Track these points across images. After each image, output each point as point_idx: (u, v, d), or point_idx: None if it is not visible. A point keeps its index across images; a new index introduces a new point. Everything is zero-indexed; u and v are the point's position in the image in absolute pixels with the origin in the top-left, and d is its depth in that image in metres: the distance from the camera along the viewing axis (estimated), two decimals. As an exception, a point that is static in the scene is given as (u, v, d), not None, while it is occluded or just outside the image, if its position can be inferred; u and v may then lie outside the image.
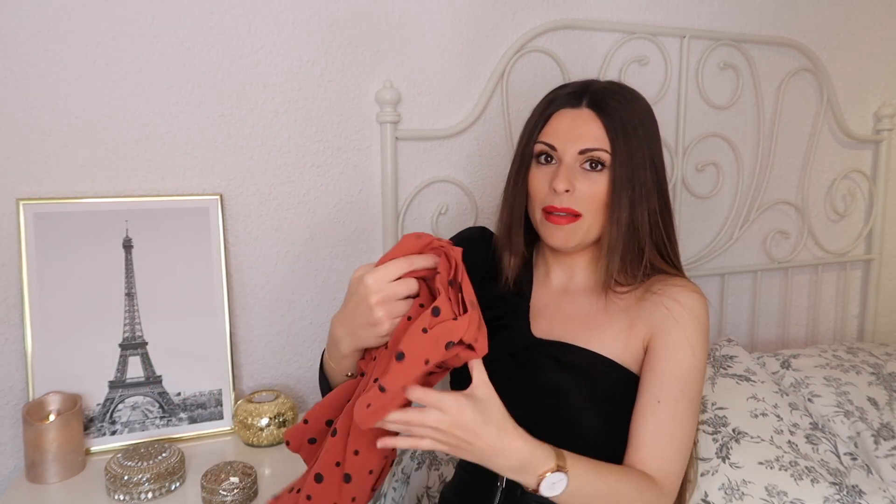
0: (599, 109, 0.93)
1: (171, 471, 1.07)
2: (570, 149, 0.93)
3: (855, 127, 1.87)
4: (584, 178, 0.93)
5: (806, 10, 1.76)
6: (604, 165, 0.93)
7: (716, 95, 1.68)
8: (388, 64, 1.39)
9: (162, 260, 1.24)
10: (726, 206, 1.76)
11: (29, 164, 1.19)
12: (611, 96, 0.95)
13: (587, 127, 0.93)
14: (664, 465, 0.88)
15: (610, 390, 0.93)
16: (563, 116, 0.95)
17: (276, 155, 1.34)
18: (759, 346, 1.84)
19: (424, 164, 1.44)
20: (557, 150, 0.94)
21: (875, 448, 1.32)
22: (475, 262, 1.06)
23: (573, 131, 0.93)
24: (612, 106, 0.93)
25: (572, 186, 0.92)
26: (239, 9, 1.27)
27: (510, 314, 1.00)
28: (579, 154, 0.93)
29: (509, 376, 0.95)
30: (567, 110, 0.95)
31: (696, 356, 0.92)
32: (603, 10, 1.55)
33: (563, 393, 0.93)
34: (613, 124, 0.92)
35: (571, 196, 0.93)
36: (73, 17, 1.18)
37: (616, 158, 0.92)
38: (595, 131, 0.92)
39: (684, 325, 0.92)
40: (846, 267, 1.93)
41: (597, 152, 0.92)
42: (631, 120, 0.93)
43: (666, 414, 0.89)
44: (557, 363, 0.94)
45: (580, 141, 0.92)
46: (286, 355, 1.40)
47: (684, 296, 0.94)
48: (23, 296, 1.16)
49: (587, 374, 0.93)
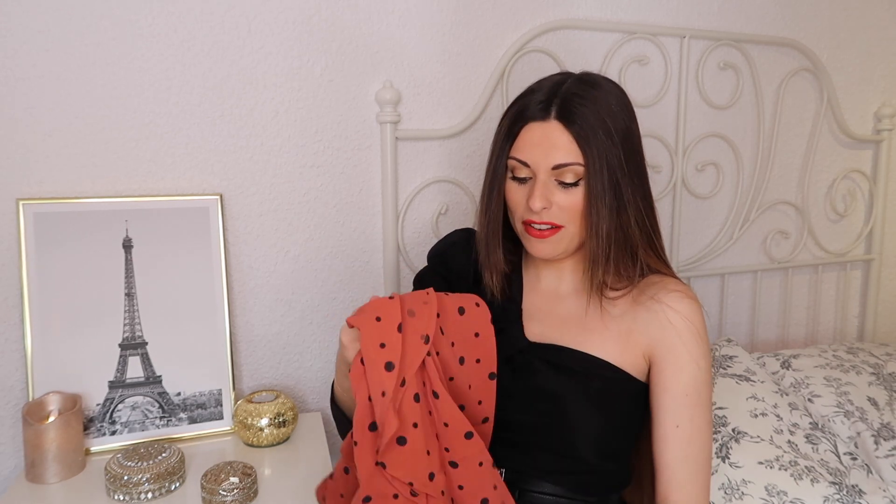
0: (568, 121, 0.90)
1: (171, 471, 1.07)
2: (542, 164, 0.91)
3: (855, 127, 1.87)
4: (561, 192, 0.91)
5: (806, 10, 1.76)
6: (578, 178, 0.91)
7: (716, 95, 1.68)
8: (388, 64, 1.39)
9: (162, 260, 1.24)
10: (726, 206, 1.76)
11: (29, 164, 1.19)
12: (579, 101, 0.91)
13: (558, 140, 0.90)
14: (693, 491, 0.91)
15: (606, 392, 0.93)
16: (533, 131, 0.92)
17: (276, 155, 1.34)
18: (759, 346, 1.84)
19: (424, 164, 1.44)
20: (530, 166, 0.92)
21: (875, 448, 1.32)
22: (463, 266, 1.06)
23: (543, 146, 0.91)
24: (580, 113, 0.90)
25: (549, 203, 0.91)
26: (239, 9, 1.27)
27: (502, 318, 0.99)
28: (553, 170, 0.91)
29: (504, 381, 0.94)
30: (536, 124, 0.92)
31: (702, 367, 0.93)
32: (603, 10, 1.55)
33: (560, 397, 0.92)
34: (584, 134, 0.89)
35: (549, 211, 0.92)
36: (73, 17, 1.18)
37: (590, 169, 0.89)
38: (566, 145, 0.90)
39: (686, 341, 0.92)
40: (846, 267, 1.92)
41: (570, 167, 0.90)
42: (602, 122, 0.90)
43: (685, 436, 0.91)
44: (552, 367, 0.94)
45: (551, 156, 0.90)
46: (286, 355, 1.40)
47: (680, 304, 0.94)
48: (23, 296, 1.16)
49: (583, 377, 0.93)
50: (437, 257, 1.12)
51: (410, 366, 0.83)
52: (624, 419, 0.95)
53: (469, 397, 0.90)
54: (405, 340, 0.84)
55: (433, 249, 1.13)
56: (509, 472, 0.94)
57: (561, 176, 0.91)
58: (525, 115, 0.93)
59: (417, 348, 0.84)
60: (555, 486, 0.93)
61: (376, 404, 0.81)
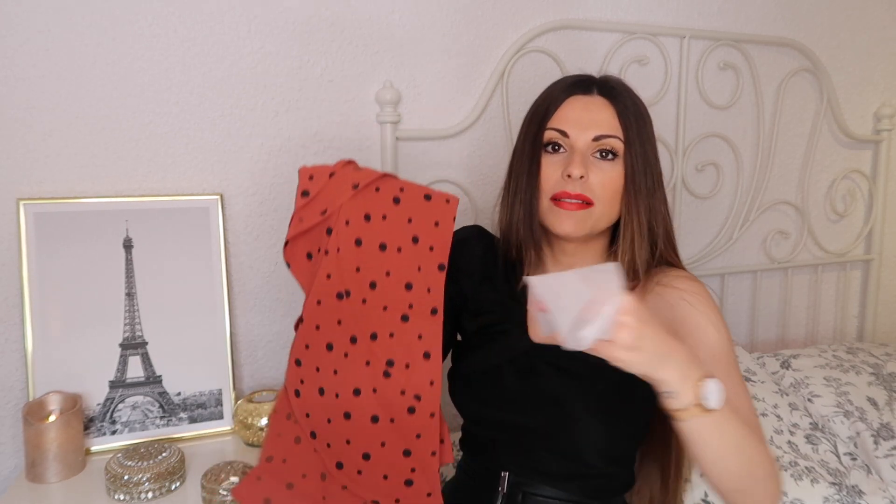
0: (612, 97, 0.92)
1: (171, 471, 1.08)
2: (583, 135, 0.91)
3: (855, 127, 1.87)
4: (597, 166, 0.91)
5: (806, 10, 1.76)
6: (615, 155, 0.91)
7: (716, 95, 1.68)
8: (388, 64, 1.39)
9: (162, 260, 1.24)
10: (726, 206, 1.76)
11: (29, 164, 1.19)
12: (619, 84, 0.94)
13: (601, 114, 0.91)
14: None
15: (611, 395, 0.91)
16: (575, 103, 0.93)
17: (276, 155, 1.34)
18: (759, 346, 1.84)
19: (424, 164, 1.44)
20: (570, 137, 0.91)
21: (875, 448, 1.32)
22: (469, 263, 1.04)
23: (586, 118, 0.91)
24: (623, 95, 0.92)
25: (586, 173, 0.90)
26: (239, 9, 1.27)
27: (508, 319, 0.98)
28: (593, 141, 0.90)
29: (509, 384, 0.94)
30: (578, 97, 0.93)
31: (721, 331, 0.91)
32: (603, 10, 1.55)
33: (563, 401, 0.91)
34: (626, 113, 0.91)
35: (585, 183, 0.90)
36: (73, 17, 1.18)
37: (630, 147, 0.90)
38: (609, 119, 0.91)
39: (700, 309, 0.91)
40: (846, 267, 1.93)
41: (611, 139, 0.90)
42: (637, 109, 0.93)
43: (730, 397, 0.89)
44: (557, 370, 0.93)
45: (594, 128, 0.90)
46: (286, 355, 1.39)
47: (685, 283, 0.94)
48: (23, 296, 1.16)
49: (588, 380, 0.91)
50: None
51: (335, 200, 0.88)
52: (629, 423, 0.94)
53: (418, 279, 0.90)
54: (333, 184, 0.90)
55: None
56: (512, 474, 0.94)
57: (601, 148, 0.91)
58: (567, 90, 0.94)
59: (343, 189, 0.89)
60: (558, 490, 0.93)
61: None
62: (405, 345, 0.89)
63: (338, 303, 0.89)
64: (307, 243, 0.91)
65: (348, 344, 0.89)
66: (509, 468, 0.94)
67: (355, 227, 0.89)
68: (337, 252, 0.88)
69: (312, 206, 0.89)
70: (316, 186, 0.89)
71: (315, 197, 0.89)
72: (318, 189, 0.89)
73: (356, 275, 0.89)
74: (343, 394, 0.89)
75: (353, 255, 0.89)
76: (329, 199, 0.89)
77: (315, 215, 0.89)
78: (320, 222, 0.88)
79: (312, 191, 0.89)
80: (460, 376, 1.00)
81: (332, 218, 0.88)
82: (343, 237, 0.88)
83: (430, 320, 0.90)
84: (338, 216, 0.88)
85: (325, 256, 0.88)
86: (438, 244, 0.91)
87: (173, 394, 1.25)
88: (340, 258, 0.88)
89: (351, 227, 0.89)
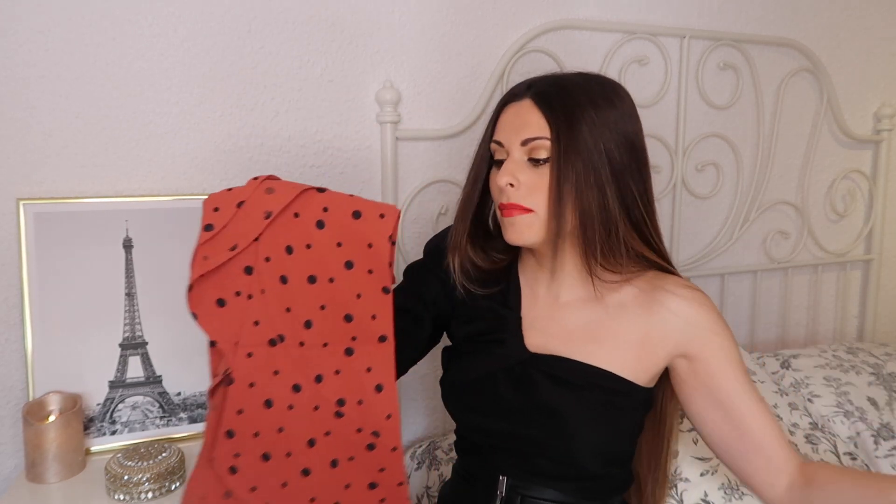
0: (540, 98, 0.89)
1: (172, 470, 1.08)
2: (513, 141, 0.89)
3: (855, 127, 1.87)
4: (530, 171, 0.89)
5: (806, 10, 1.76)
6: (548, 156, 0.88)
7: (716, 95, 1.68)
8: (388, 64, 1.39)
9: (162, 260, 1.24)
10: (726, 206, 1.76)
11: (29, 164, 1.19)
12: (559, 85, 0.90)
13: (528, 117, 0.89)
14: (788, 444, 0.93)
15: (609, 404, 0.90)
16: (508, 111, 0.92)
17: (276, 155, 1.34)
18: (759, 346, 1.84)
19: (424, 165, 1.44)
20: (504, 146, 0.91)
21: (875, 448, 1.32)
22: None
23: (516, 123, 0.90)
24: (554, 94, 0.88)
25: (516, 180, 0.88)
26: (239, 9, 1.27)
27: (502, 328, 0.96)
28: (522, 145, 0.89)
29: (505, 394, 0.92)
30: (511, 104, 0.92)
31: (733, 343, 0.94)
32: (603, 10, 1.55)
33: (561, 413, 0.90)
34: (555, 111, 0.87)
35: (517, 191, 0.89)
36: (73, 17, 1.18)
37: (559, 146, 0.86)
38: (537, 121, 0.88)
39: (716, 331, 0.92)
40: (846, 267, 1.93)
41: (538, 141, 0.87)
42: (580, 104, 0.87)
43: (762, 407, 0.92)
44: (554, 380, 0.91)
45: (521, 132, 0.89)
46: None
47: (692, 301, 0.92)
48: (23, 296, 1.16)
49: (585, 391, 0.90)
50: (433, 254, 1.08)
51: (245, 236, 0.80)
52: (628, 428, 0.94)
53: (359, 307, 0.83)
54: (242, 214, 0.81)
55: (431, 242, 1.09)
56: (510, 478, 0.93)
57: (532, 153, 0.88)
58: (504, 100, 0.94)
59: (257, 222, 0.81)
60: (557, 493, 0.92)
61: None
62: (354, 381, 0.82)
63: (271, 351, 0.80)
64: (216, 287, 0.80)
65: (291, 395, 0.80)
66: (507, 472, 0.94)
67: (277, 262, 0.81)
68: (262, 294, 0.80)
69: (218, 241, 0.80)
70: (222, 219, 0.80)
71: (221, 231, 0.80)
72: (225, 221, 0.80)
73: (287, 316, 0.81)
74: (296, 450, 0.81)
75: (281, 295, 0.81)
76: (239, 233, 0.80)
77: (223, 252, 0.79)
78: (229, 260, 0.79)
79: (217, 224, 0.80)
80: (452, 384, 0.99)
81: (245, 255, 0.79)
82: (266, 276, 0.80)
83: (379, 349, 0.83)
84: (256, 253, 0.80)
85: (248, 301, 0.80)
86: (377, 266, 0.83)
87: (173, 394, 1.25)
88: (266, 300, 0.80)
89: (273, 264, 0.81)
